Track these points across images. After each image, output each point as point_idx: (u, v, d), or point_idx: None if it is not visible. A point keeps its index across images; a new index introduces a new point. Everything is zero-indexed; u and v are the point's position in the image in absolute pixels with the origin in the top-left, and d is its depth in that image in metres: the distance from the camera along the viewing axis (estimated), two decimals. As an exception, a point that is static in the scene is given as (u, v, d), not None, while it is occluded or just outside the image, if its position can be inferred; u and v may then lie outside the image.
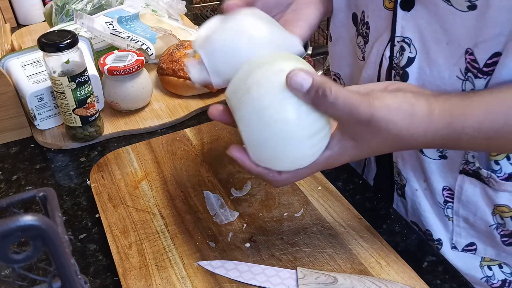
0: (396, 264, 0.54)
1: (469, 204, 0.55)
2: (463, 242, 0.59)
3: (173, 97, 0.89)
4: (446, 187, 0.57)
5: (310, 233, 0.58)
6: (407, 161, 0.59)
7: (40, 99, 0.76)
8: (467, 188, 0.54)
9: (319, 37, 2.27)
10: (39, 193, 0.30)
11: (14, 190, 0.70)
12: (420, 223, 0.62)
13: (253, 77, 0.44)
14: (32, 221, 0.23)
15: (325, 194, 0.63)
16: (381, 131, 0.41)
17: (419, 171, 0.58)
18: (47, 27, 1.07)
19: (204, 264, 0.54)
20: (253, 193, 0.65)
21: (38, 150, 0.78)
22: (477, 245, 0.58)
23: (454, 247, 0.59)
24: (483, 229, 0.56)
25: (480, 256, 0.59)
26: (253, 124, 0.44)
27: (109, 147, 0.78)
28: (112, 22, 0.96)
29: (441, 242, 0.61)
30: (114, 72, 0.78)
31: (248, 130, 0.45)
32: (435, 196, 0.58)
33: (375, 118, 0.40)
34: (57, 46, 0.66)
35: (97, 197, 0.65)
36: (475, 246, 0.58)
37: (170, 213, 0.62)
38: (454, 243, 0.59)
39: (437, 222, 0.60)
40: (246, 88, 0.44)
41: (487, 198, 0.53)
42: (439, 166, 0.56)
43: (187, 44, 0.92)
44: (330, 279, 0.51)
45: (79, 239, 0.62)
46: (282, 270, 0.53)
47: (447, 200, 0.57)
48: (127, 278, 0.53)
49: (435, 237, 0.61)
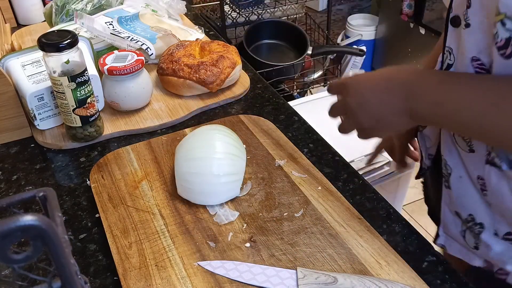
0: (396, 264, 0.54)
1: (497, 193, 0.56)
2: (503, 229, 0.58)
3: (173, 97, 0.89)
4: (480, 176, 0.58)
5: (310, 233, 0.58)
6: (452, 151, 0.61)
7: (40, 99, 0.76)
8: (493, 178, 0.55)
9: (319, 37, 2.26)
10: (39, 193, 0.30)
11: (14, 190, 0.70)
12: (463, 209, 0.62)
13: None
14: (32, 221, 0.24)
15: (325, 194, 0.63)
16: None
17: (459, 161, 0.61)
18: (47, 27, 1.07)
19: (204, 264, 0.54)
20: (253, 193, 0.65)
21: (38, 150, 0.78)
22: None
23: (495, 233, 0.59)
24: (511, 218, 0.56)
25: None
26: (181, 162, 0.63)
27: (109, 147, 0.78)
28: (112, 22, 0.96)
29: (483, 226, 0.60)
30: (114, 72, 0.78)
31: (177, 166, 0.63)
32: (476, 185, 0.59)
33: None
34: (57, 46, 0.66)
35: (97, 197, 0.65)
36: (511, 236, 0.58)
37: (170, 213, 0.62)
38: (495, 230, 0.59)
39: (480, 206, 0.60)
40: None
41: (509, 186, 0.54)
42: (471, 158, 0.59)
43: (187, 44, 0.92)
44: (330, 279, 0.51)
45: (79, 239, 0.62)
46: (282, 270, 0.53)
47: (482, 188, 0.58)
48: (127, 278, 0.53)
49: (478, 221, 0.60)
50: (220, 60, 0.87)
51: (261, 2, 2.05)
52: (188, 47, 0.91)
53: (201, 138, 0.64)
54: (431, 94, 0.53)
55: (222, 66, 0.87)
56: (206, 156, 0.61)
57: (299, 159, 0.70)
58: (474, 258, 0.63)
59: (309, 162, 0.69)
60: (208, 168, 0.61)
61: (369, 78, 0.60)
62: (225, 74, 0.87)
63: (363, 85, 0.59)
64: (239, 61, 0.91)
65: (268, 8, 2.08)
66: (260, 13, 2.06)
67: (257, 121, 0.79)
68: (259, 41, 2.04)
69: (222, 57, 0.88)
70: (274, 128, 0.77)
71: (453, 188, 0.62)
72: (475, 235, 0.61)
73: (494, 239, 0.59)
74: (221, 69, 0.86)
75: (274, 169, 0.68)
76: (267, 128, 0.77)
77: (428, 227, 1.75)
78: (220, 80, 0.87)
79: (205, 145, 0.63)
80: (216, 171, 0.61)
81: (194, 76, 0.85)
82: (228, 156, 0.62)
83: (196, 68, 0.85)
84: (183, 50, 0.90)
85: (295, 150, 0.72)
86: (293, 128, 0.81)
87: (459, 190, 0.61)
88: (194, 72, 0.85)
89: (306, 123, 0.83)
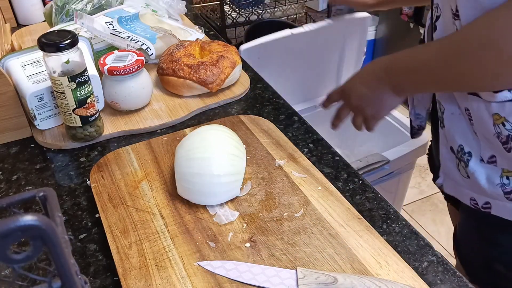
0: (396, 264, 0.54)
1: (479, 120, 0.64)
2: (487, 154, 0.66)
3: (173, 97, 0.89)
4: (466, 107, 0.66)
5: (310, 233, 0.58)
6: (446, 93, 0.71)
7: (40, 99, 0.76)
8: (474, 106, 0.64)
9: (319, 37, 2.26)
10: (39, 193, 0.30)
11: (14, 190, 0.70)
12: (454, 143, 0.71)
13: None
14: (32, 221, 0.24)
15: (325, 194, 0.63)
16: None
17: (450, 97, 0.70)
18: (47, 27, 1.07)
19: (204, 264, 0.54)
20: (253, 193, 0.65)
21: (38, 150, 0.78)
22: (496, 157, 0.65)
23: (481, 159, 0.67)
24: (492, 140, 0.64)
25: (501, 168, 0.66)
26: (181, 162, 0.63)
27: (109, 147, 0.78)
28: (112, 22, 0.96)
29: (471, 154, 0.68)
30: (114, 72, 0.78)
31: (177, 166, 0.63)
32: (465, 116, 0.67)
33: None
34: (57, 46, 0.66)
35: (97, 197, 0.65)
36: (495, 158, 0.66)
37: (170, 213, 0.62)
38: (481, 156, 0.67)
39: (468, 136, 0.68)
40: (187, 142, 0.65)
41: (487, 111, 0.62)
42: (458, 93, 0.68)
43: (187, 44, 0.92)
44: (330, 279, 0.51)
45: (79, 239, 0.62)
46: (282, 270, 0.53)
47: (470, 118, 0.66)
48: (127, 278, 0.53)
49: (466, 150, 0.69)
50: (220, 60, 0.87)
51: (261, 2, 2.05)
52: (188, 47, 0.91)
53: (201, 138, 0.64)
54: (404, 66, 0.67)
55: (222, 66, 0.87)
56: (206, 156, 0.61)
57: (299, 159, 0.70)
58: (465, 194, 0.72)
59: (309, 162, 0.69)
60: (208, 168, 0.61)
61: (359, 77, 0.74)
62: (225, 74, 0.87)
63: (356, 84, 0.74)
64: (239, 61, 0.91)
65: (268, 8, 2.08)
66: (260, 13, 2.06)
67: (257, 121, 0.79)
68: (259, 41, 2.04)
69: (222, 57, 0.88)
70: (274, 128, 0.77)
71: (446, 125, 0.72)
72: (465, 165, 0.69)
73: (480, 165, 0.67)
74: (221, 69, 0.86)
75: (274, 169, 0.68)
76: (267, 128, 0.77)
77: (428, 227, 1.75)
78: (220, 80, 0.87)
79: (205, 145, 0.62)
80: (216, 171, 0.61)
81: (194, 76, 0.85)
82: (228, 156, 0.62)
83: (196, 68, 0.86)
84: (183, 50, 0.90)
85: (295, 150, 0.72)
86: (293, 128, 0.81)
87: (451, 125, 0.71)
88: (194, 72, 0.85)
89: (306, 123, 0.83)
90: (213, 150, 0.62)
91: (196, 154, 0.62)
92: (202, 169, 0.61)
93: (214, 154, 0.61)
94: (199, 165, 0.61)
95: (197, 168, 0.61)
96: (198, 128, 0.68)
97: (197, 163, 0.61)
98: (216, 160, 0.61)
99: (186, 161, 0.62)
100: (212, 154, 0.61)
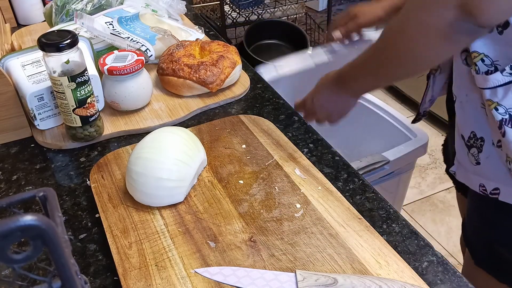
0: (396, 264, 0.54)
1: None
2: (496, 138, 0.69)
3: (173, 97, 0.89)
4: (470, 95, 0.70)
5: (310, 233, 0.58)
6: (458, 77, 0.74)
7: (40, 99, 0.76)
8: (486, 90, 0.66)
9: (319, 37, 2.27)
10: (39, 193, 0.30)
11: (14, 190, 0.70)
12: (465, 130, 0.74)
13: None
14: (32, 221, 0.24)
15: (325, 194, 0.63)
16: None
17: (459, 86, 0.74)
18: (47, 27, 1.07)
19: (201, 271, 0.53)
20: (253, 193, 0.65)
21: (38, 150, 0.78)
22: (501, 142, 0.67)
23: (493, 143, 0.69)
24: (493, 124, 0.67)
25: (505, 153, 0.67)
26: (131, 158, 0.63)
27: (109, 147, 0.78)
28: (112, 22, 0.96)
29: (483, 139, 0.71)
30: (114, 72, 0.78)
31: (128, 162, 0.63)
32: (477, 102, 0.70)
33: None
34: (57, 46, 0.66)
35: (97, 197, 0.65)
36: (500, 143, 0.68)
37: (170, 213, 0.62)
38: (492, 140, 0.69)
39: (480, 121, 0.71)
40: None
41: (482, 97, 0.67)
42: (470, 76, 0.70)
43: (187, 44, 0.92)
44: (330, 280, 0.51)
45: (79, 239, 0.62)
46: (281, 273, 0.53)
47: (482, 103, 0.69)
48: (127, 278, 0.53)
49: (479, 136, 0.71)
50: (220, 60, 0.87)
51: (261, 2, 2.05)
52: (188, 47, 0.91)
53: (156, 139, 0.64)
54: (352, 75, 0.76)
55: (222, 66, 0.87)
56: (152, 157, 0.61)
57: (299, 159, 0.70)
58: (474, 181, 0.75)
59: (309, 162, 0.69)
60: (151, 170, 0.61)
61: (318, 91, 0.84)
62: (225, 74, 0.87)
63: (317, 97, 0.83)
64: (239, 61, 0.91)
65: (268, 8, 2.08)
66: (260, 13, 2.06)
67: (257, 121, 0.79)
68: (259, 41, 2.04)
69: (222, 57, 0.88)
70: (274, 128, 0.77)
71: (457, 114, 0.75)
72: (478, 150, 0.72)
73: (493, 149, 0.69)
74: (221, 69, 0.86)
75: (274, 169, 0.68)
76: (267, 128, 0.77)
77: (428, 227, 1.75)
78: (220, 80, 0.87)
79: (155, 146, 0.62)
80: (158, 174, 0.60)
81: (194, 76, 0.85)
82: (175, 161, 0.61)
83: (196, 68, 0.86)
84: (183, 50, 0.90)
85: (295, 150, 0.72)
86: (293, 128, 0.81)
87: (462, 112, 0.74)
88: (194, 72, 0.85)
89: (306, 123, 0.83)
90: (161, 153, 0.62)
91: (145, 154, 0.62)
92: (146, 169, 0.61)
93: (161, 157, 0.61)
94: (144, 165, 0.61)
95: (142, 167, 0.61)
96: (162, 128, 0.67)
97: (143, 162, 0.61)
98: (161, 163, 0.61)
99: (135, 159, 0.62)
100: (159, 156, 0.61)
